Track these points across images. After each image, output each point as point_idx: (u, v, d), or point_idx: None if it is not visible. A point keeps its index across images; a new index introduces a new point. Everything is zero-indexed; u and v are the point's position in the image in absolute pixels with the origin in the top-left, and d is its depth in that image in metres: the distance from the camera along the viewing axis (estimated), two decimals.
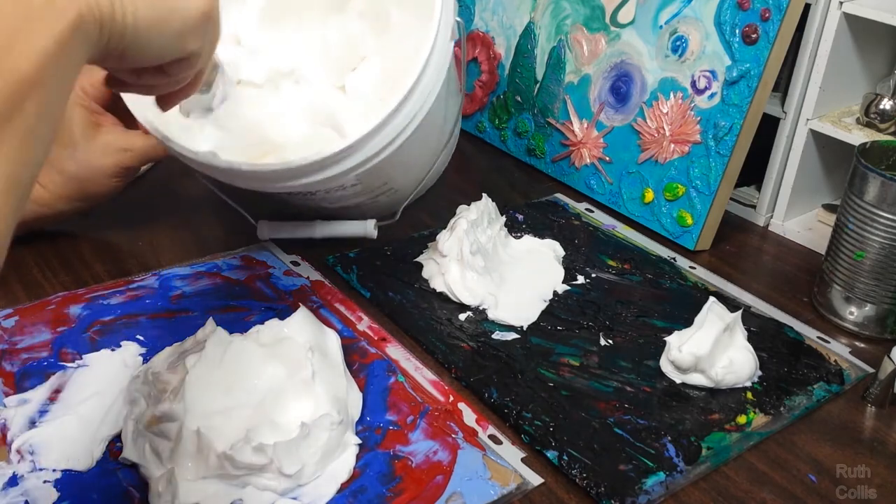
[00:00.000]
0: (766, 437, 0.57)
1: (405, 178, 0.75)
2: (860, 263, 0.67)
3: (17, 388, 0.56)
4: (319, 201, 0.70)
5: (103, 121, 0.70)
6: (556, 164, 0.92)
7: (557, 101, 0.91)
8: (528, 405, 0.58)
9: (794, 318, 0.70)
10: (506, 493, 0.51)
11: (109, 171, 0.70)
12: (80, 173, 0.69)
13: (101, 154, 0.69)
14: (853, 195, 0.67)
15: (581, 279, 0.73)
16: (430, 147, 0.75)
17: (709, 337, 0.60)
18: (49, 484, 0.49)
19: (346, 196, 0.70)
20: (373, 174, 0.67)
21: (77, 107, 0.68)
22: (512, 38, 0.95)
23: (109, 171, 0.70)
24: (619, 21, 0.86)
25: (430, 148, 0.76)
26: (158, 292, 0.67)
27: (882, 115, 0.78)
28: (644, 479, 0.53)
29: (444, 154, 0.79)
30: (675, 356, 0.60)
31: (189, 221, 0.79)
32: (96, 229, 0.76)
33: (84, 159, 0.69)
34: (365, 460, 0.52)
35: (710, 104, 0.79)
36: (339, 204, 0.72)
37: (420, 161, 0.76)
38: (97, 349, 0.60)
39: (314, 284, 0.70)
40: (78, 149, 0.68)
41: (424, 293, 0.70)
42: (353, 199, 0.72)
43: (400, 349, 0.63)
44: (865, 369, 0.65)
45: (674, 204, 0.82)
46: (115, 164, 0.70)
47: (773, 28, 0.74)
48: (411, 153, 0.71)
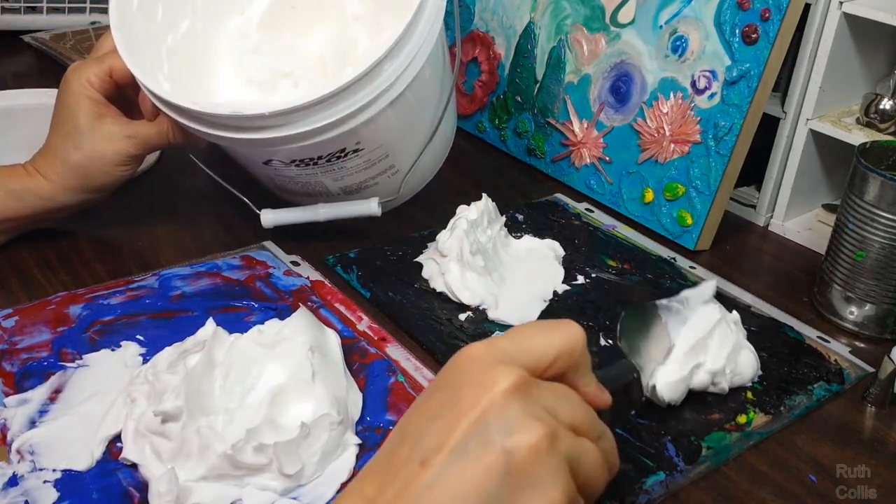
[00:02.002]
0: (766, 437, 0.57)
1: (405, 152, 0.75)
2: (860, 263, 0.67)
3: (17, 388, 0.56)
4: (322, 177, 0.70)
5: (108, 111, 0.70)
6: (556, 164, 0.92)
7: (557, 101, 0.91)
8: None
9: (794, 318, 0.70)
10: None
11: (114, 158, 0.70)
12: (84, 162, 0.69)
13: (106, 142, 0.69)
14: (853, 195, 0.67)
15: (581, 279, 0.73)
16: (426, 116, 0.76)
17: (724, 349, 0.59)
18: (49, 484, 0.49)
19: (347, 170, 0.70)
20: (373, 137, 0.68)
21: (82, 97, 0.69)
22: (512, 38, 0.95)
23: (114, 160, 0.70)
24: (619, 21, 0.86)
25: (426, 117, 0.76)
26: (158, 292, 0.67)
27: (882, 115, 0.78)
28: (644, 478, 0.53)
29: (441, 132, 0.79)
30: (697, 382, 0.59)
31: (189, 221, 0.79)
32: (96, 229, 0.76)
33: (89, 148, 0.69)
34: (365, 460, 0.52)
35: (710, 104, 0.79)
36: (342, 183, 0.73)
37: (419, 132, 0.76)
38: (97, 349, 0.60)
39: (314, 284, 0.70)
40: (83, 138, 0.69)
41: (424, 293, 0.70)
42: (355, 176, 0.72)
43: (400, 349, 0.63)
44: (865, 369, 0.65)
45: (674, 204, 0.82)
46: (120, 152, 0.70)
47: (773, 28, 0.74)
48: (409, 117, 0.72)
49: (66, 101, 0.70)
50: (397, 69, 0.65)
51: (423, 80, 0.70)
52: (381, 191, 0.76)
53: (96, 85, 0.69)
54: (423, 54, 0.67)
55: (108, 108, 0.70)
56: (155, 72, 0.71)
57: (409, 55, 0.65)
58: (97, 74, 0.69)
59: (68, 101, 0.69)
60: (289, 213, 0.74)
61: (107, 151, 0.69)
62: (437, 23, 0.68)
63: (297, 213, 0.75)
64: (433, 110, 0.76)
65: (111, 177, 0.71)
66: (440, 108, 0.76)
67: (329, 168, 0.70)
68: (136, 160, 0.72)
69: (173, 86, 0.71)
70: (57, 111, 0.71)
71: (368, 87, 0.64)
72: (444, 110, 0.76)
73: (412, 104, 0.71)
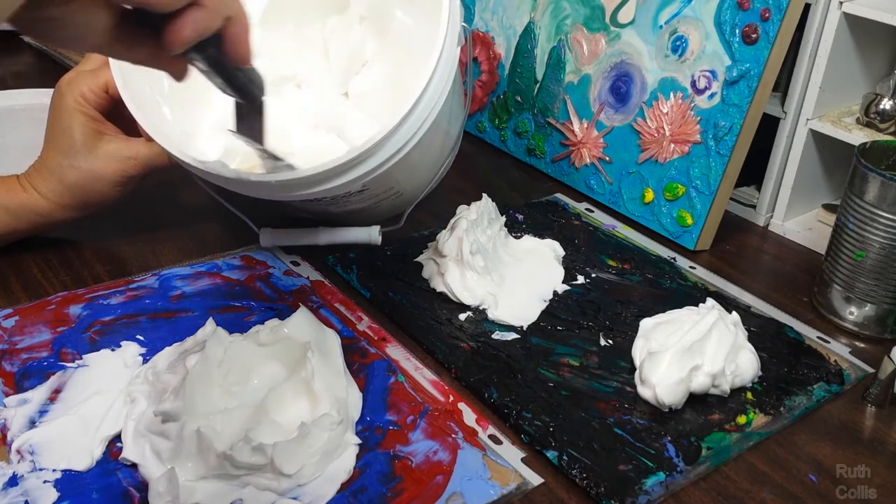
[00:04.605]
0: (766, 437, 0.57)
1: (411, 182, 0.75)
2: (860, 263, 0.67)
3: (17, 388, 0.56)
4: (325, 206, 0.70)
5: (105, 129, 0.68)
6: (556, 164, 0.92)
7: (557, 101, 0.91)
8: (528, 405, 0.58)
9: (794, 318, 0.70)
10: (506, 493, 0.51)
11: (112, 179, 0.68)
12: (81, 182, 0.68)
13: (104, 162, 0.67)
14: (853, 195, 0.67)
15: (581, 279, 0.73)
16: (436, 151, 0.75)
17: (721, 350, 0.59)
18: (49, 484, 0.49)
19: (352, 202, 0.70)
20: (380, 181, 0.66)
21: (77, 114, 0.67)
22: (512, 38, 0.95)
23: (112, 180, 0.68)
24: (619, 21, 0.86)
25: (436, 152, 0.75)
26: (158, 292, 0.67)
27: (882, 115, 0.78)
28: (644, 479, 0.53)
29: (449, 158, 0.79)
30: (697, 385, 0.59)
31: (189, 221, 0.79)
32: (97, 229, 0.76)
33: (86, 168, 0.67)
34: (365, 460, 0.52)
35: (710, 104, 0.79)
36: (344, 209, 0.72)
37: (426, 165, 0.76)
38: (97, 349, 0.60)
39: (314, 284, 0.70)
40: (79, 157, 0.67)
41: (424, 293, 0.70)
42: (358, 205, 0.71)
43: (400, 349, 0.63)
44: (865, 369, 0.65)
45: (674, 204, 0.82)
46: (119, 173, 0.68)
47: (773, 28, 0.74)
48: (418, 159, 0.71)
49: (60, 117, 0.67)
50: (411, 128, 0.63)
51: (436, 128, 0.68)
52: (383, 211, 0.76)
53: (91, 101, 0.67)
54: (437, 108, 0.64)
55: (105, 125, 0.68)
56: (154, 93, 0.68)
57: (422, 114, 0.63)
58: (92, 90, 0.67)
59: (63, 116, 0.67)
60: (288, 236, 0.74)
61: (105, 172, 0.68)
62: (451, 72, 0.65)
63: (297, 237, 0.74)
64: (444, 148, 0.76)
65: (108, 196, 0.69)
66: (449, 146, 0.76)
67: (332, 202, 0.69)
68: (134, 180, 0.70)
69: (173, 108, 0.69)
70: (51, 125, 0.68)
71: (386, 147, 0.62)
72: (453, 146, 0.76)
73: (424, 150, 0.69)
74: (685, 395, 0.58)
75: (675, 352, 0.58)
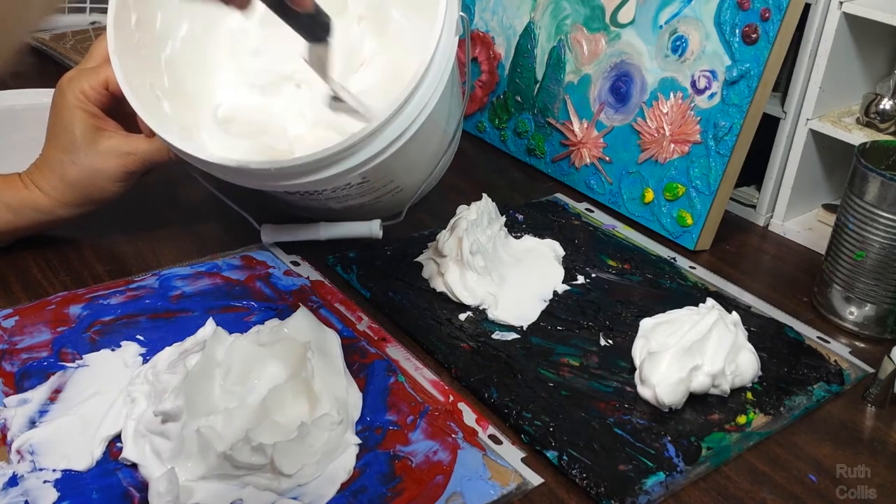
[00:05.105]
0: (766, 437, 0.57)
1: (410, 176, 0.75)
2: (860, 263, 0.67)
3: (17, 388, 0.56)
4: (325, 201, 0.70)
5: (105, 125, 0.69)
6: (556, 164, 0.92)
7: (557, 101, 0.91)
8: (528, 405, 0.58)
9: (794, 318, 0.70)
10: (506, 493, 0.51)
11: (113, 175, 0.69)
12: (82, 178, 0.68)
13: (105, 158, 0.68)
14: (853, 195, 0.67)
15: (581, 279, 0.73)
16: (435, 144, 0.75)
17: (721, 350, 0.59)
18: (49, 484, 0.49)
19: (352, 196, 0.70)
20: (378, 172, 0.66)
21: (78, 110, 0.67)
22: (512, 38, 0.95)
23: (113, 176, 0.69)
24: (619, 21, 0.86)
25: (435, 145, 0.75)
26: (158, 292, 0.67)
27: (882, 115, 0.78)
28: (644, 479, 0.53)
29: (448, 152, 0.79)
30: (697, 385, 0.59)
31: (189, 221, 0.79)
32: (97, 229, 0.76)
33: (87, 164, 0.68)
34: (365, 460, 0.52)
35: (710, 104, 0.79)
36: (344, 204, 0.72)
37: (425, 158, 0.76)
38: (97, 349, 0.60)
39: (314, 284, 0.70)
40: (80, 153, 0.67)
41: (424, 293, 0.70)
42: (358, 199, 0.71)
43: (400, 349, 0.63)
44: (865, 369, 0.65)
45: (674, 204, 0.82)
46: (119, 169, 0.69)
47: (773, 28, 0.74)
48: (417, 150, 0.71)
49: (61, 114, 0.68)
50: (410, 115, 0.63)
51: (435, 119, 0.68)
52: (383, 207, 0.76)
53: (92, 97, 0.68)
54: (436, 97, 0.65)
55: (106, 121, 0.69)
56: (154, 88, 0.69)
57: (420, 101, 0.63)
58: (92, 86, 0.67)
59: (63, 113, 0.68)
60: (289, 232, 0.74)
61: (105, 168, 0.68)
62: (449, 61, 0.65)
63: (298, 232, 0.74)
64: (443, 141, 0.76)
65: (109, 192, 0.70)
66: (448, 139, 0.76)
67: (332, 195, 0.69)
68: (135, 176, 0.70)
69: (172, 104, 0.69)
70: (52, 123, 0.69)
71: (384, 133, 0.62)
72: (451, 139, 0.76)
73: (422, 141, 0.69)
74: (685, 395, 0.58)
75: (675, 352, 0.58)
